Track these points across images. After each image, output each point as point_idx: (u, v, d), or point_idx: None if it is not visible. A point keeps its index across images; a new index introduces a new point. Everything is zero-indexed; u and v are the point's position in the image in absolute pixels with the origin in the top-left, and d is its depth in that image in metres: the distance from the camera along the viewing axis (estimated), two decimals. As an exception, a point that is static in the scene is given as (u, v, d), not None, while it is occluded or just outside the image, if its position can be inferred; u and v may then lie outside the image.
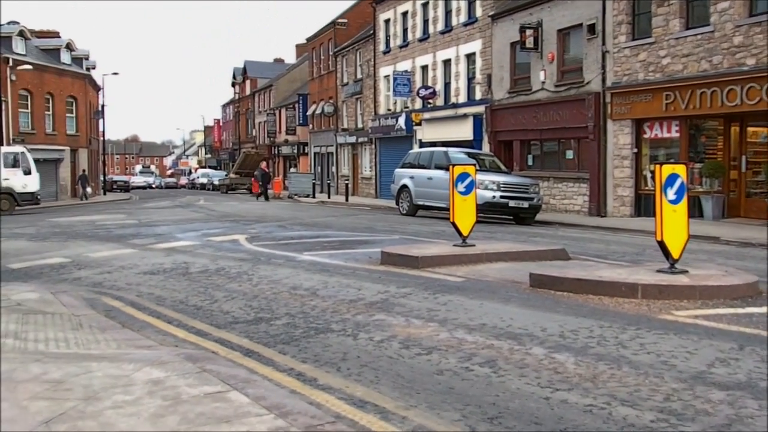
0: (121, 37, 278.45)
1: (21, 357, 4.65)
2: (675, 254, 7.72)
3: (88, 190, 42.79)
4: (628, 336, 5.55)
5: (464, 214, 10.41)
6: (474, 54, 28.51)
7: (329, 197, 36.98)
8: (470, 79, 29.03)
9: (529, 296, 7.36)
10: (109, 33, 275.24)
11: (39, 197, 30.28)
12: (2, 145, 31.23)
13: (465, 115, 28.51)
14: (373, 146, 38.94)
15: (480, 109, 27.67)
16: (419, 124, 32.12)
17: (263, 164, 40.28)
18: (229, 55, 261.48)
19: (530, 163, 25.58)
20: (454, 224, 10.49)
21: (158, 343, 5.41)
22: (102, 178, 53.71)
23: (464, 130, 28.41)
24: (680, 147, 19.46)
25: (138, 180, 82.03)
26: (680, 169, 7.68)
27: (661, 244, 7.70)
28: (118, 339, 5.44)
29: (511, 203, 19.08)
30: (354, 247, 12.28)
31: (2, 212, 27.50)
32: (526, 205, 19.35)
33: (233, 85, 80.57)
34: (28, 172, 29.56)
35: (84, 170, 43.89)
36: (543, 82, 23.97)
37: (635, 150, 20.71)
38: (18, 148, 30.63)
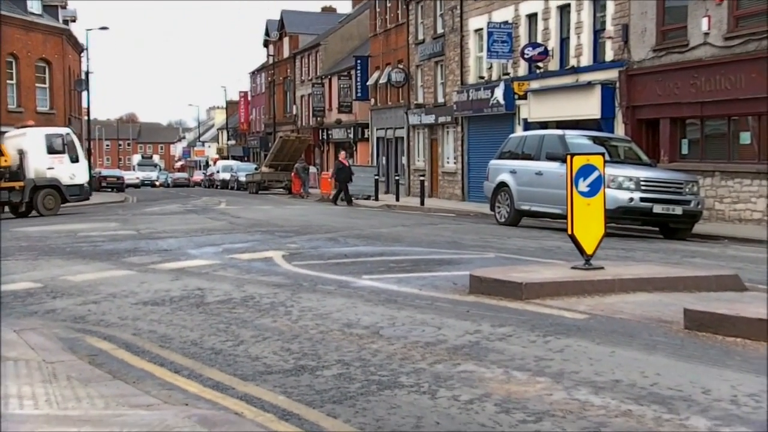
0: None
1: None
2: None
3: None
4: (837, 405, 5.36)
5: (588, 223, 10.35)
6: (603, -4, 28.24)
7: (398, 199, 37.10)
8: (597, 32, 28.71)
9: (683, 342, 7.25)
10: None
11: (89, 191, 31.41)
12: None
13: (590, 84, 28.21)
14: (459, 129, 38.94)
15: (612, 74, 27.34)
16: (524, 97, 31.96)
17: (342, 155, 39.18)
18: (261, 3, 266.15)
19: (685, 151, 25.14)
20: (572, 237, 10.43)
21: (162, 400, 5.49)
22: (87, 173, 55.23)
23: (588, 105, 28.12)
24: None
25: (135, 175, 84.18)
26: None
27: None
28: (106, 395, 5.53)
29: (657, 208, 18.84)
30: (432, 268, 12.31)
31: (48, 211, 28.71)
32: (678, 211, 19.07)
33: (266, 45, 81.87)
34: (75, 160, 30.83)
35: None
36: (706, 34, 23.47)
37: None
38: (63, 130, 31.94)
